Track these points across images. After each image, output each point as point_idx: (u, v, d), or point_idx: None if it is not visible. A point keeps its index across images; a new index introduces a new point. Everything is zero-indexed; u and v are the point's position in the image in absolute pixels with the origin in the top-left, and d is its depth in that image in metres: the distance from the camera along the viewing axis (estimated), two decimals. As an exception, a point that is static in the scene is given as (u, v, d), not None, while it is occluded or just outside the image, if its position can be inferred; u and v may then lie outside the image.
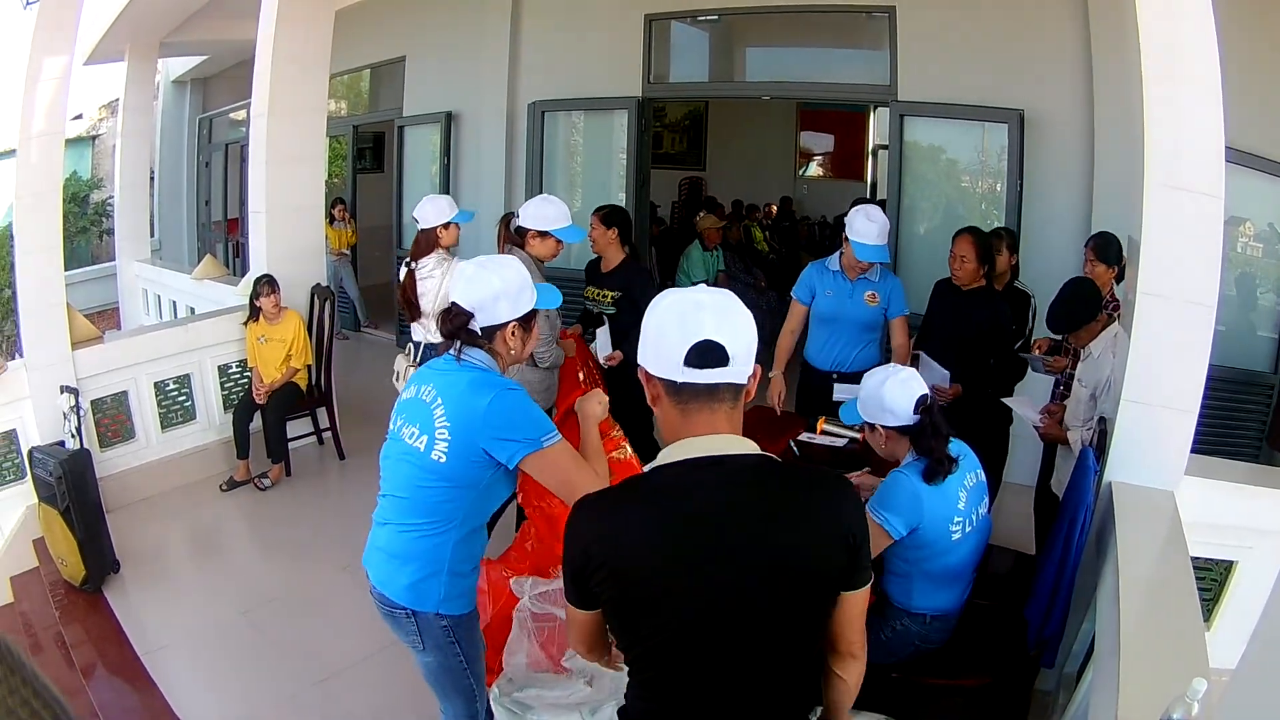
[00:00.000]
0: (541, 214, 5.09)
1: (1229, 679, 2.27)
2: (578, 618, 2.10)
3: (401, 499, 2.97)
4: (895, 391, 3.40)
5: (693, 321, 1.91)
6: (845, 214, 5.47)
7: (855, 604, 2.06)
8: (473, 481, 2.88)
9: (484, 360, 2.96)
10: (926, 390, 3.44)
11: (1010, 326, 5.43)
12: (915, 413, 3.37)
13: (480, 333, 2.96)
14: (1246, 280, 6.66)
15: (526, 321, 3.05)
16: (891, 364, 3.75)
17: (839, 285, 5.32)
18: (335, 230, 11.94)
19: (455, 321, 2.94)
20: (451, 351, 2.97)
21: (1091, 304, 4.62)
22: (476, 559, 3.09)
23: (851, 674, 2.19)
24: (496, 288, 2.93)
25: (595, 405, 3.14)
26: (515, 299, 2.98)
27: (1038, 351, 5.53)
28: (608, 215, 5.74)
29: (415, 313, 5.95)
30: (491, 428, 2.79)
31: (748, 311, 1.98)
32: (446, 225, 6.12)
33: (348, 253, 12.43)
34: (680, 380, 1.92)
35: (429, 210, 6.06)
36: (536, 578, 3.86)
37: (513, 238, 5.22)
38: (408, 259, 6.05)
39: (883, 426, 3.48)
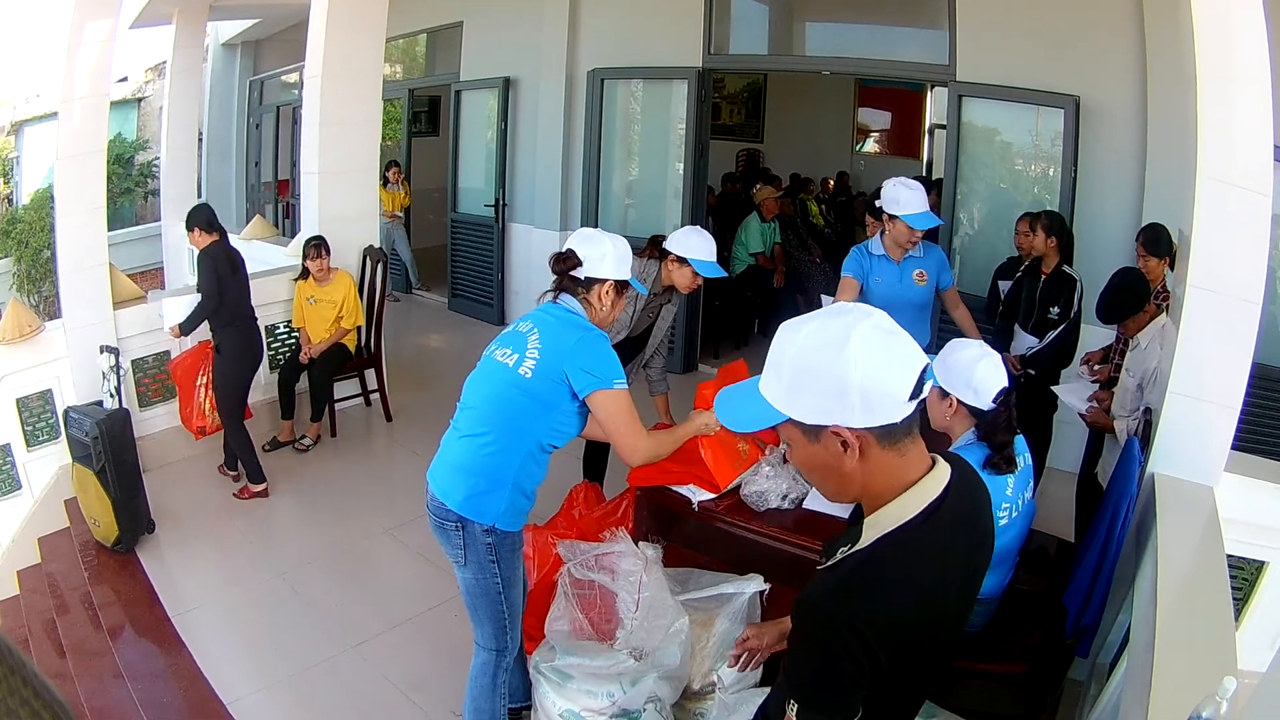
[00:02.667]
0: (688, 243, 4.77)
1: (1259, 682, 2.25)
2: None
3: (478, 409, 3.31)
4: (987, 373, 3.36)
5: (902, 351, 1.73)
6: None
7: None
8: (548, 401, 3.22)
9: (575, 307, 3.38)
10: (1008, 383, 3.41)
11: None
12: (993, 401, 3.35)
13: (582, 281, 3.40)
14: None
15: (620, 287, 3.49)
16: (982, 343, 3.62)
17: (888, 270, 5.17)
18: (389, 193, 11.96)
19: (566, 264, 3.40)
20: (549, 295, 3.43)
21: (1138, 295, 4.60)
22: (537, 482, 3.37)
23: None
24: (607, 248, 3.41)
25: (710, 422, 3.71)
26: (618, 264, 3.44)
27: (1084, 368, 5.52)
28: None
29: None
30: (577, 358, 3.18)
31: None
32: None
33: (401, 215, 12.47)
34: (900, 419, 1.73)
35: None
36: (582, 542, 3.88)
37: (655, 253, 4.95)
38: None
39: (958, 399, 3.44)
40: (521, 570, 3.51)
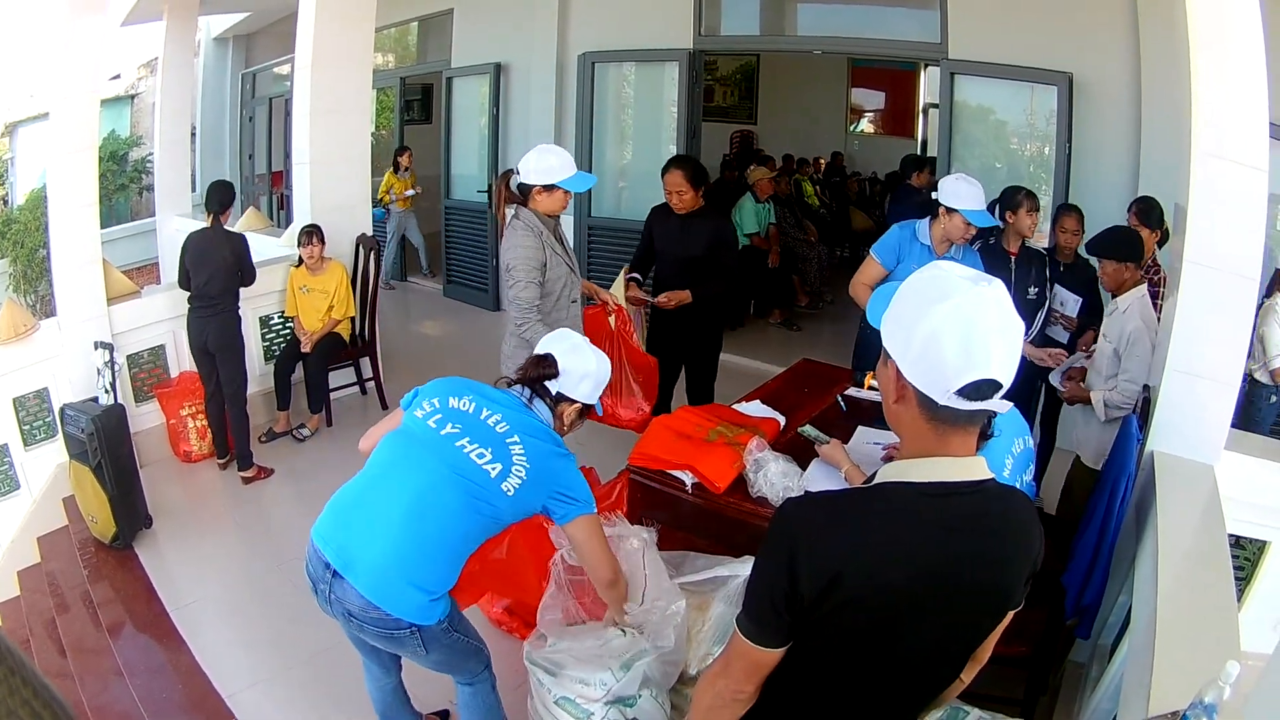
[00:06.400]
0: (545, 166, 4.57)
1: (1265, 665, 2.24)
2: (763, 659, 1.82)
3: (426, 509, 2.87)
4: None
5: (979, 348, 1.63)
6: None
7: (1005, 621, 1.97)
8: (514, 517, 2.95)
9: (546, 418, 3.07)
10: None
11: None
12: None
13: (552, 395, 3.09)
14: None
15: (584, 412, 3.21)
16: None
17: (927, 260, 5.07)
18: (400, 180, 12.07)
19: (542, 370, 3.08)
20: (521, 393, 3.09)
21: (1131, 247, 4.61)
22: None
23: (971, 676, 2.11)
24: (591, 369, 3.10)
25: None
26: (595, 388, 3.14)
27: (1082, 350, 5.48)
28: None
29: None
30: (560, 484, 2.92)
31: (1021, 324, 1.72)
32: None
33: (413, 194, 12.44)
34: (941, 403, 1.68)
35: None
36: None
37: (515, 196, 4.70)
38: None
39: None
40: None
